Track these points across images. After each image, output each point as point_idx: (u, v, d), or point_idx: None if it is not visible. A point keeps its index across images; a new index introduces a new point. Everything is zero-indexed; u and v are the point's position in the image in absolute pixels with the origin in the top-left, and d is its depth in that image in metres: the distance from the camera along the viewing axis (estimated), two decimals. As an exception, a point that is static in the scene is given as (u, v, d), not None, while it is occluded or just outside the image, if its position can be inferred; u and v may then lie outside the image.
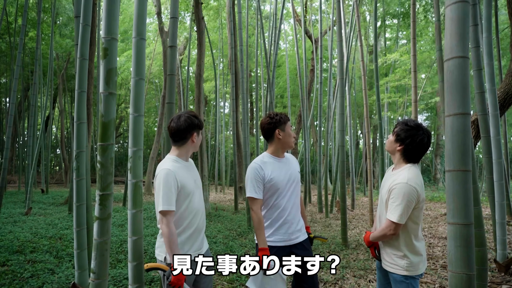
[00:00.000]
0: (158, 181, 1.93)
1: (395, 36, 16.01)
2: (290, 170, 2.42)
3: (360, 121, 18.91)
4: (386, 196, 2.05)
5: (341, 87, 5.95)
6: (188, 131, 2.03)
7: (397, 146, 2.07)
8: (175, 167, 1.99)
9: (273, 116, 2.36)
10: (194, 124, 2.05)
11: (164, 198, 1.88)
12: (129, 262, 2.10)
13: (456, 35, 1.58)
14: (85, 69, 2.66)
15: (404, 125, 2.07)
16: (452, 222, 1.54)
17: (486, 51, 4.38)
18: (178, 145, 2.08)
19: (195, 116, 2.08)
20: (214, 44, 17.29)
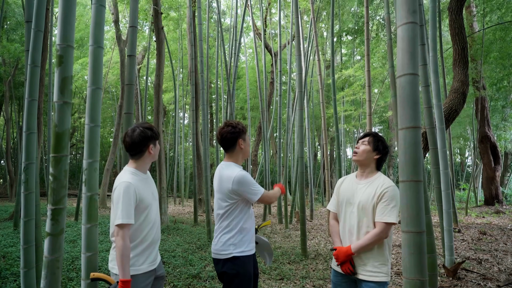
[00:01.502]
0: (117, 194, 1.87)
1: (350, 52, 16.73)
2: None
3: (318, 133, 19.45)
4: (372, 202, 2.08)
5: (300, 100, 6.10)
6: (143, 144, 2.01)
7: (375, 155, 2.20)
8: (134, 180, 1.96)
9: (235, 125, 2.34)
10: (148, 136, 2.02)
11: (123, 211, 1.83)
12: (82, 280, 1.99)
13: (407, 53, 1.69)
14: (37, 77, 2.52)
15: (378, 137, 2.25)
16: (406, 230, 1.61)
17: (432, 69, 4.70)
18: (135, 158, 2.05)
19: (149, 128, 2.05)
20: (173, 55, 17.10)
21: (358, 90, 11.93)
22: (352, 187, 2.23)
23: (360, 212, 2.12)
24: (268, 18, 16.27)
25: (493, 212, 11.40)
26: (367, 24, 6.59)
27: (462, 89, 7.86)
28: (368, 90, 6.36)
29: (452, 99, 7.87)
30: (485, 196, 13.45)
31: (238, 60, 11.11)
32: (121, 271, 1.81)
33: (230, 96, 9.61)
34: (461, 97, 7.85)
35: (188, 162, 19.71)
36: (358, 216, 2.13)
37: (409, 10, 1.70)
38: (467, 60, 8.00)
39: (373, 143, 2.21)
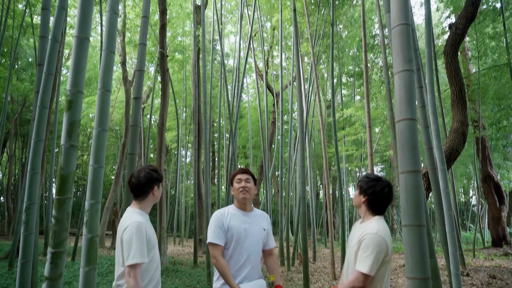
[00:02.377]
0: (129, 234, 1.87)
1: (350, 93, 17.09)
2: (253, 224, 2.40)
3: (320, 172, 19.41)
4: (355, 247, 2.05)
5: (302, 140, 6.17)
6: (148, 185, 2.06)
7: (361, 198, 2.15)
8: (143, 219, 1.99)
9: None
10: (154, 178, 2.08)
11: (137, 250, 1.84)
12: (78, 327, 1.92)
13: (404, 99, 1.75)
14: (45, 118, 2.59)
15: (365, 178, 2.20)
16: (411, 276, 1.59)
17: (431, 110, 4.78)
18: (140, 199, 2.08)
19: (155, 170, 2.12)
20: (177, 95, 17.50)
21: (359, 130, 12.06)
22: (354, 229, 2.23)
23: (349, 257, 2.12)
24: (270, 60, 16.80)
25: (501, 254, 11.09)
26: (366, 67, 6.80)
27: (461, 129, 7.96)
28: (368, 131, 6.43)
29: (452, 139, 7.93)
30: (492, 237, 13.14)
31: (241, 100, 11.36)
32: None
33: (232, 135, 9.72)
34: (461, 137, 7.92)
35: (189, 201, 19.56)
36: (347, 260, 2.15)
37: (404, 59, 1.78)
38: (465, 101, 8.16)
39: (360, 186, 2.19)
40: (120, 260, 1.93)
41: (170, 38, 14.43)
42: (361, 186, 2.17)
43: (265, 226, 2.44)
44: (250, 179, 2.44)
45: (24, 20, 8.50)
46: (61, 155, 1.77)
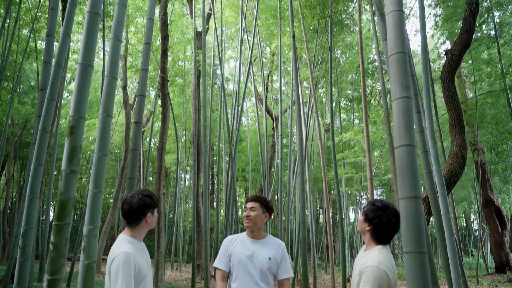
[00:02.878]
0: (116, 266, 1.80)
1: (350, 117, 17.23)
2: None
3: (320, 196, 19.29)
4: (357, 278, 1.99)
5: (301, 163, 6.17)
6: (141, 212, 1.96)
7: (366, 226, 2.06)
8: (132, 249, 1.90)
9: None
10: (147, 204, 1.98)
11: (123, 284, 1.75)
12: None
13: (402, 125, 1.77)
14: (46, 142, 2.60)
15: (372, 205, 2.08)
16: (413, 305, 1.56)
17: (429, 135, 4.82)
18: (132, 226, 1.99)
19: (149, 196, 2.02)
20: (177, 118, 17.63)
21: (359, 153, 12.09)
22: (358, 257, 2.17)
23: (353, 285, 2.06)
24: (269, 85, 17.04)
25: (506, 281, 10.88)
26: (364, 93, 6.90)
27: (460, 154, 7.97)
28: (368, 155, 6.45)
29: (451, 164, 7.94)
30: (496, 263, 12.92)
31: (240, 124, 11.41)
32: None
33: (232, 158, 9.73)
34: (461, 162, 7.93)
35: (188, 225, 19.32)
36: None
37: (402, 86, 1.81)
38: (463, 125, 8.22)
39: (365, 213, 2.09)
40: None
41: (171, 62, 14.68)
42: (367, 213, 2.07)
43: (272, 255, 2.36)
44: (256, 208, 2.41)
45: (28, 45, 8.68)
46: (61, 180, 1.77)
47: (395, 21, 1.94)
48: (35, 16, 9.04)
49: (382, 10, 4.06)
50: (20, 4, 7.56)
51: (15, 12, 8.72)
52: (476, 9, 7.57)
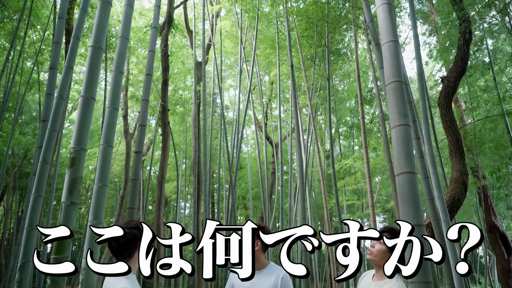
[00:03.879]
0: None
1: (349, 144, 17.30)
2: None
3: (321, 223, 19.03)
4: None
5: (302, 191, 6.13)
6: (132, 245, 1.88)
7: (387, 253, 1.91)
8: (129, 284, 1.83)
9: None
10: (137, 236, 1.89)
11: None
12: None
13: (402, 153, 1.78)
14: (46, 173, 2.60)
15: (392, 230, 1.95)
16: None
17: (430, 161, 4.82)
18: (125, 261, 1.90)
19: (136, 228, 1.93)
20: (177, 146, 17.68)
21: (359, 179, 12.04)
22: (366, 286, 2.11)
23: None
24: (269, 112, 17.20)
25: (515, 310, 10.54)
26: (363, 119, 6.96)
27: (462, 179, 7.93)
28: (368, 181, 6.43)
29: (453, 189, 7.88)
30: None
31: (240, 151, 11.42)
32: None
33: (232, 186, 9.67)
34: (462, 187, 7.87)
35: (188, 254, 18.94)
36: None
37: (400, 114, 1.84)
38: (462, 150, 8.22)
39: (384, 241, 1.93)
40: None
41: (171, 92, 14.90)
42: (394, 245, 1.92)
43: (272, 285, 2.32)
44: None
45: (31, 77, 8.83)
46: (60, 212, 1.75)
47: (390, 51, 1.99)
48: (39, 49, 9.26)
49: (378, 40, 4.17)
50: (24, 37, 7.76)
51: (20, 46, 8.94)
52: (469, 37, 7.76)
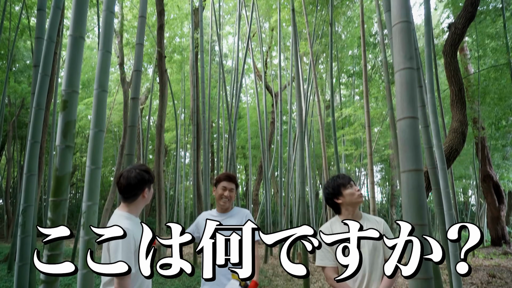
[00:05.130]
0: (115, 242, 1.78)
1: (350, 93, 17.08)
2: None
3: (319, 172, 19.38)
4: (381, 242, 1.95)
5: (301, 140, 6.14)
6: (139, 187, 1.94)
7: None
8: (131, 225, 1.88)
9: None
10: (145, 179, 1.95)
11: (124, 260, 1.72)
12: (76, 330, 1.89)
13: (405, 97, 1.72)
14: (41, 119, 2.55)
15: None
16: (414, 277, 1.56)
17: (431, 110, 4.76)
18: (129, 202, 1.96)
19: (146, 171, 1.99)
20: (176, 95, 17.47)
21: (358, 129, 12.05)
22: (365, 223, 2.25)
23: (374, 252, 2.17)
24: (269, 61, 16.78)
25: (501, 253, 11.08)
26: (365, 67, 6.79)
27: (461, 129, 7.93)
28: (368, 130, 6.41)
29: (452, 139, 7.91)
30: (492, 237, 13.14)
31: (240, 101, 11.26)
32: None
33: (231, 135, 9.69)
34: (461, 137, 7.90)
35: (189, 201, 19.51)
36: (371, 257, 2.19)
37: (406, 57, 1.75)
38: (464, 100, 8.14)
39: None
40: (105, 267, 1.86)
41: (168, 39, 14.39)
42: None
43: (237, 222, 2.55)
44: (234, 189, 2.63)
45: (20, 22, 8.46)
46: (56, 156, 1.73)
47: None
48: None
49: (385, -21, 3.92)
50: (10, -22, 7.31)
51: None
52: (481, -20, 7.35)
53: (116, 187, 1.94)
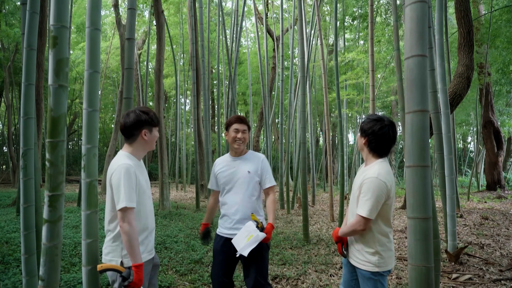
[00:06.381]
0: (117, 177, 1.82)
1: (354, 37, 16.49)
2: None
3: (320, 118, 19.35)
4: (357, 192, 2.04)
5: (303, 84, 6.02)
6: (136, 127, 1.96)
7: (363, 140, 2.10)
8: (133, 163, 1.92)
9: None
10: (142, 120, 1.96)
11: (126, 194, 1.78)
12: (83, 266, 1.97)
13: (415, 33, 1.62)
14: (33, 60, 2.45)
15: (366, 119, 2.13)
16: (412, 216, 1.58)
17: (438, 52, 4.59)
18: (129, 142, 2.00)
19: (145, 112, 1.99)
20: (174, 39, 16.90)
21: (361, 74, 11.80)
22: (358, 173, 2.20)
23: (352, 200, 2.13)
24: (270, 2, 15.99)
25: (495, 197, 11.40)
26: (371, 7, 6.45)
27: (467, 74, 7.74)
28: (371, 75, 6.26)
29: (456, 84, 7.75)
30: (487, 181, 13.44)
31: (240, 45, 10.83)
32: (133, 255, 1.78)
33: (232, 81, 9.51)
34: (466, 82, 7.73)
35: (190, 148, 19.72)
36: (351, 203, 2.15)
37: (418, -12, 1.62)
38: (472, 44, 7.85)
39: (361, 127, 2.13)
40: (109, 206, 1.92)
41: (164, -23, 13.58)
42: (362, 127, 2.11)
43: (252, 168, 2.51)
44: (246, 130, 2.55)
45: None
46: (49, 96, 1.68)
47: None
48: None
49: None
50: None
51: None
52: None
53: (117, 134, 1.97)
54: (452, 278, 3.85)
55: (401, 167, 21.22)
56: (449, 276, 3.92)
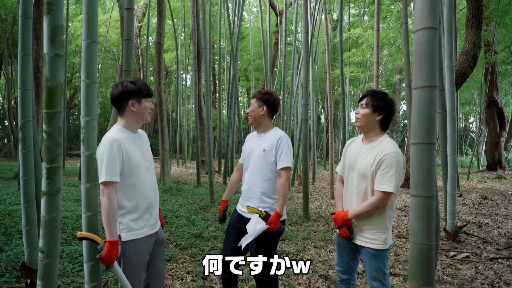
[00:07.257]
0: (101, 150, 1.77)
1: (359, 13, 16.09)
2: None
3: (322, 96, 19.17)
4: (371, 169, 1.99)
5: (306, 60, 5.90)
6: (123, 98, 1.87)
7: (376, 116, 2.04)
8: (120, 136, 1.85)
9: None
10: (128, 90, 1.86)
11: (107, 168, 1.73)
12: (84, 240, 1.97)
13: (426, 5, 1.55)
14: (29, 30, 2.37)
15: (378, 94, 2.06)
16: (415, 194, 1.55)
17: (446, 28, 4.46)
18: (120, 114, 1.94)
19: (133, 82, 1.89)
20: (175, 13, 16.52)
21: (366, 51, 11.58)
22: (356, 151, 2.14)
23: (360, 179, 2.05)
24: (274, -26, 15.50)
25: (495, 177, 11.43)
26: (379, -20, 6.24)
27: (473, 52, 7.58)
28: (376, 51, 6.12)
29: (462, 62, 7.62)
30: (488, 161, 13.44)
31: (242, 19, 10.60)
32: (107, 231, 1.74)
33: (234, 56, 9.34)
34: (472, 60, 7.59)
35: (191, 124, 19.65)
36: (358, 182, 2.06)
37: (431, -44, 1.53)
38: (480, 20, 7.65)
39: (372, 103, 2.03)
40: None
41: None
42: (376, 104, 2.03)
43: (267, 146, 2.33)
44: (252, 103, 2.44)
45: None
46: (45, 66, 1.62)
47: None
48: None
49: None
50: None
51: None
52: None
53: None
54: (449, 256, 3.88)
55: (401, 146, 21.20)
56: (447, 254, 3.95)
